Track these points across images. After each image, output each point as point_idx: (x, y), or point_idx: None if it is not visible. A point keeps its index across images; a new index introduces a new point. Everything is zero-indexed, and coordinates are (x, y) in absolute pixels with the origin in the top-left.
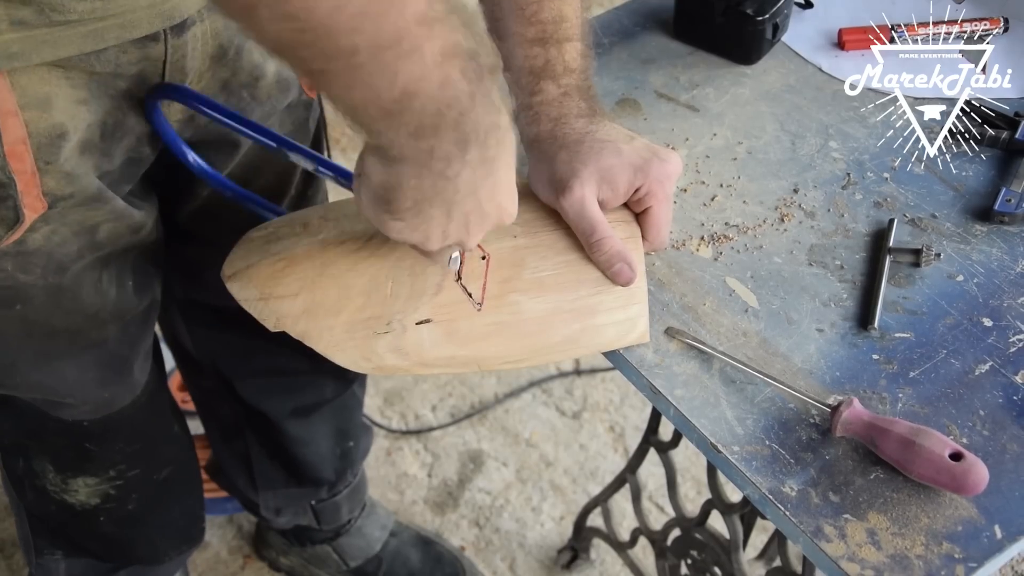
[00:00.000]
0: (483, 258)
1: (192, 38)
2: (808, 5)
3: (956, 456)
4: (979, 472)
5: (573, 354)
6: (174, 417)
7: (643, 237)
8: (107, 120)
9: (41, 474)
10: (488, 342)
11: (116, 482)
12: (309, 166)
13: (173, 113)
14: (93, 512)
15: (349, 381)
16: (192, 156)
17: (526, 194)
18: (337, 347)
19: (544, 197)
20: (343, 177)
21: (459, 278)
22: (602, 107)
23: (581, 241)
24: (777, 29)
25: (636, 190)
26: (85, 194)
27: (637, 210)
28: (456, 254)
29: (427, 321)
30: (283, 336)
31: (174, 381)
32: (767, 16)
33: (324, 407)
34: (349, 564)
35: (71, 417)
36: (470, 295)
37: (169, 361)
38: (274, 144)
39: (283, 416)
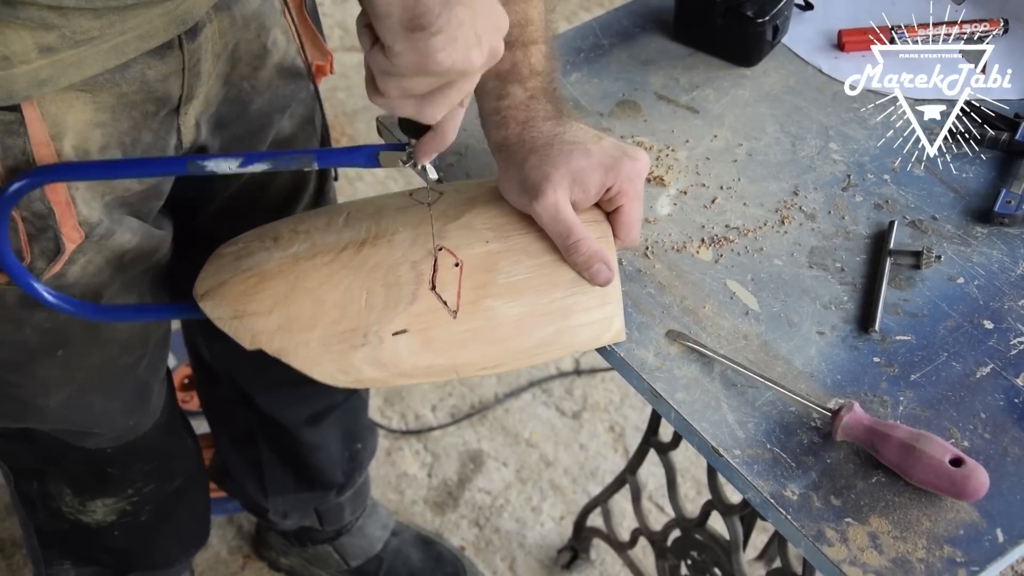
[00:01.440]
0: (456, 265)
1: (205, 39)
2: (808, 7)
3: (956, 462)
4: (979, 478)
5: (550, 356)
6: (185, 431)
7: (615, 235)
8: (125, 140)
9: (57, 496)
10: (465, 349)
11: (133, 499)
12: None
13: (188, 121)
14: (108, 528)
15: None
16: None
17: (497, 198)
18: (314, 362)
19: (515, 202)
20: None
21: (433, 286)
22: (568, 108)
23: (557, 244)
24: (777, 31)
25: (607, 190)
26: (115, 221)
27: (608, 209)
28: (432, 173)
29: (403, 331)
30: None
31: (176, 377)
32: (767, 18)
33: (335, 411)
34: (350, 564)
35: (95, 446)
36: (445, 303)
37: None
38: (183, 170)
39: (299, 424)
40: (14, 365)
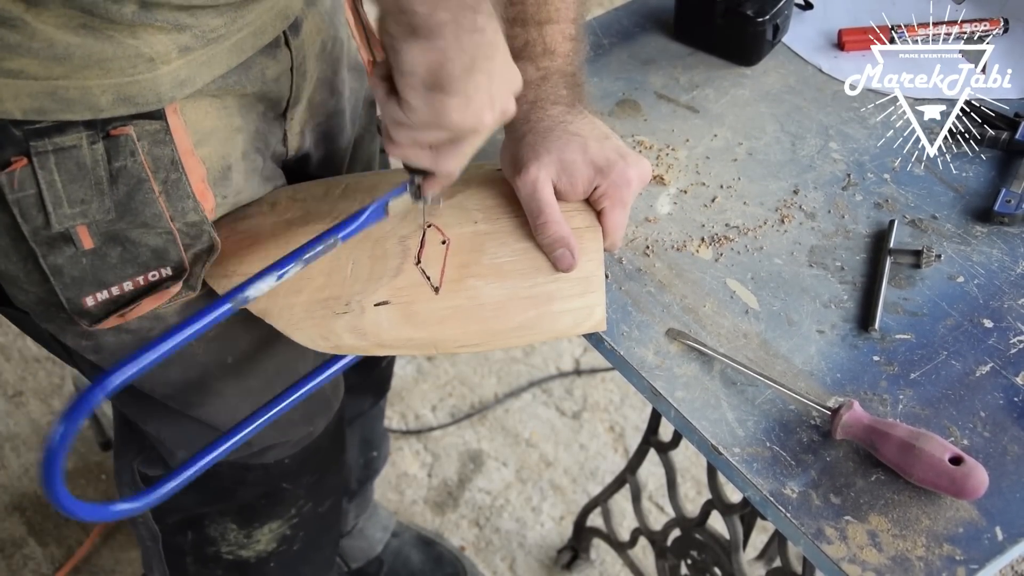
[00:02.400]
0: (443, 242)
1: (306, 36)
2: (808, 6)
3: (956, 460)
4: (979, 476)
5: (530, 340)
6: (343, 440)
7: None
8: (259, 145)
9: (217, 539)
10: (445, 325)
11: (294, 520)
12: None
13: (294, 127)
14: (266, 560)
15: (384, 392)
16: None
17: (490, 181)
18: (296, 326)
19: (506, 173)
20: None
21: (418, 261)
22: (586, 97)
23: (529, 222)
24: (777, 30)
25: (595, 188)
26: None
27: (595, 208)
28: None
29: (385, 303)
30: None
31: None
32: (767, 17)
33: (359, 418)
34: (350, 565)
35: (275, 458)
36: (428, 278)
37: None
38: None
39: None
40: (190, 382)
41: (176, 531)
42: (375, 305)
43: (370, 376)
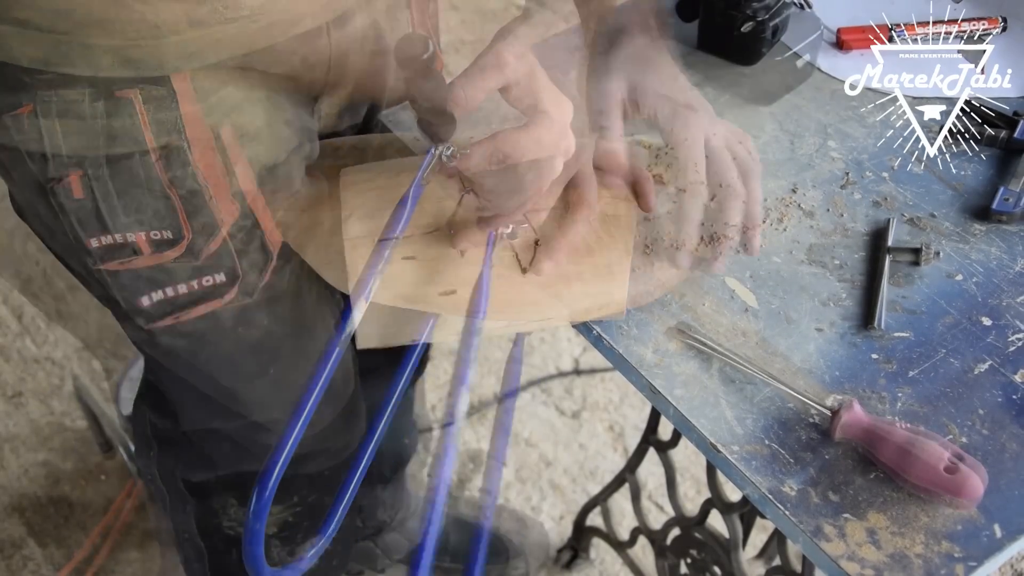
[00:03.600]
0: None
1: (354, 32)
2: (807, 6)
3: (952, 468)
4: (974, 484)
5: (547, 317)
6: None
7: (636, 197)
8: (288, 118)
9: (219, 510)
10: (462, 290)
11: (296, 508)
12: None
13: (331, 111)
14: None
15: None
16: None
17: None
18: (328, 264)
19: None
20: None
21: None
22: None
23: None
24: (777, 30)
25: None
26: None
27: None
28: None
29: (412, 258)
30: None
31: None
32: (767, 17)
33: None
34: (393, 558)
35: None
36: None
37: None
38: None
39: None
40: (229, 386)
41: (180, 497)
42: (403, 259)
43: (397, 354)
